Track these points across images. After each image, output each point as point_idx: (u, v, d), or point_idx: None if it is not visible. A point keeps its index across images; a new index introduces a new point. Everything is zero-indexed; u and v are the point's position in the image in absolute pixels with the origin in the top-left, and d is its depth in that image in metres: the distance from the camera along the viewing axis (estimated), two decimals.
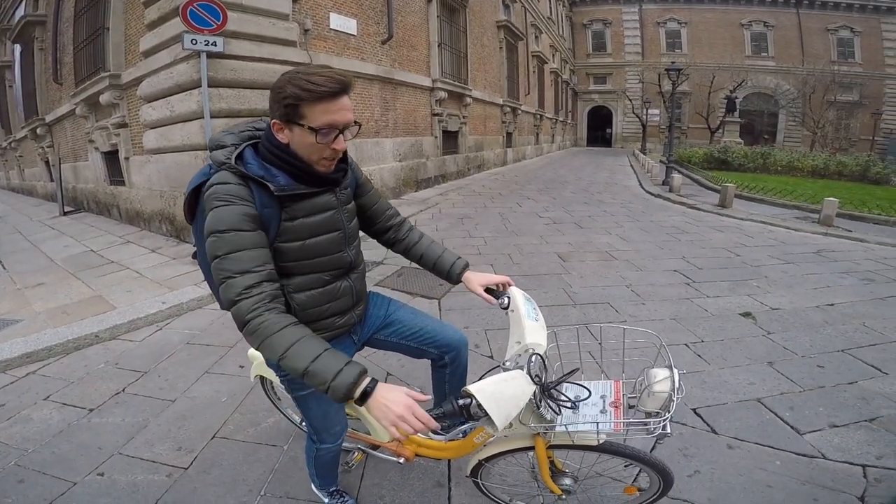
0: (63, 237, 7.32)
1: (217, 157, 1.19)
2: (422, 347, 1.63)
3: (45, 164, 12.42)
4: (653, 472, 1.40)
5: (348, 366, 1.05)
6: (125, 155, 7.54)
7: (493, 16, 16.80)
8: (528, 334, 1.28)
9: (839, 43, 33.87)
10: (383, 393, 1.04)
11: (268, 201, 1.16)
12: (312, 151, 1.17)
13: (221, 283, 1.10)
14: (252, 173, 1.16)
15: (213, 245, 1.11)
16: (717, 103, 29.49)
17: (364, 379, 1.05)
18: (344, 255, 1.37)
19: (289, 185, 1.19)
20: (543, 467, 1.42)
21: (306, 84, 1.09)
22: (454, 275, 1.57)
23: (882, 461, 2.05)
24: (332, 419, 1.51)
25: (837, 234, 6.81)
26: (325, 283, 1.34)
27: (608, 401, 1.28)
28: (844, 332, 3.44)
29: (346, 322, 1.44)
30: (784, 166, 16.85)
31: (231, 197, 1.12)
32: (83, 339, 3.51)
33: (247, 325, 1.08)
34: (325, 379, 1.03)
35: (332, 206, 1.31)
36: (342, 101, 1.14)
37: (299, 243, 1.24)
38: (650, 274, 4.88)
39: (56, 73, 9.82)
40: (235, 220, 1.11)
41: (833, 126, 27.83)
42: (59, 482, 2.01)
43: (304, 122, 1.12)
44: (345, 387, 1.02)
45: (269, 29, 6.29)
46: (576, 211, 8.71)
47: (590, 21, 38.21)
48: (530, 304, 1.41)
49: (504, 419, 1.06)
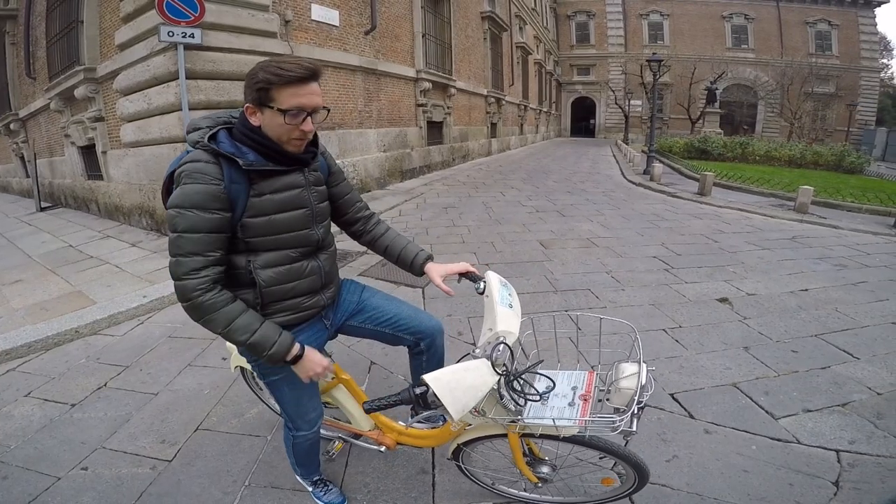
0: (40, 233, 7.15)
1: (192, 137, 1.26)
2: (396, 334, 1.63)
3: (19, 159, 12.08)
4: (627, 466, 1.39)
5: (282, 336, 1.26)
6: (102, 149, 7.37)
7: (478, 7, 16.72)
8: (499, 321, 1.26)
9: (817, 36, 34.50)
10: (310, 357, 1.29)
11: (237, 177, 1.22)
12: (282, 133, 1.24)
13: (172, 258, 1.20)
14: (223, 150, 1.22)
15: (174, 220, 1.18)
16: (698, 94, 29.76)
17: (295, 347, 1.28)
18: (311, 233, 1.40)
19: (257, 161, 1.25)
20: (517, 455, 1.43)
21: (276, 70, 1.17)
22: (417, 266, 1.60)
23: (854, 446, 2.10)
24: (306, 406, 1.53)
25: (812, 220, 6.99)
26: (291, 259, 1.37)
27: (578, 393, 1.26)
28: (818, 317, 3.54)
29: (314, 304, 1.45)
30: (762, 156, 17.16)
31: (199, 175, 1.18)
32: (63, 335, 3.46)
33: (190, 302, 1.20)
34: (265, 348, 1.24)
35: (300, 185, 1.36)
36: (311, 86, 1.21)
37: (266, 218, 1.28)
38: (630, 260, 4.96)
39: (29, 67, 9.54)
40: (199, 199, 1.17)
41: (810, 117, 28.36)
42: (43, 477, 2.00)
43: (273, 105, 1.19)
44: (280, 353, 1.25)
45: (248, 20, 6.18)
46: (558, 200, 8.78)
47: (574, 13, 38.22)
48: (506, 290, 1.39)
49: (460, 409, 1.05)
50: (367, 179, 9.44)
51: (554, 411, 1.21)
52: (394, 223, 6.97)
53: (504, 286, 1.40)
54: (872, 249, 5.52)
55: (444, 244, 5.75)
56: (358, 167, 9.08)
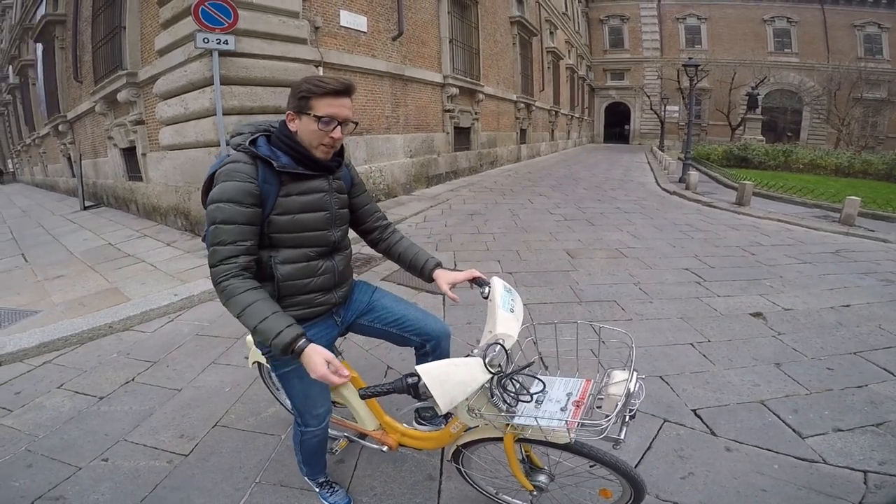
0: (83, 231, 7.54)
1: (235, 140, 1.44)
2: (403, 334, 1.70)
3: (66, 160, 12.77)
4: (619, 476, 1.37)
5: (289, 328, 1.29)
6: (142, 151, 7.72)
7: (506, 12, 16.67)
8: (499, 324, 1.31)
9: (866, 39, 32.76)
10: (310, 353, 1.27)
11: (269, 177, 1.38)
12: (314, 137, 1.39)
13: (211, 248, 1.35)
14: (260, 153, 1.38)
15: (213, 213, 1.33)
16: (739, 100, 28.78)
17: (299, 340, 1.28)
18: (329, 234, 1.52)
19: (289, 164, 1.40)
20: (511, 460, 1.43)
21: (317, 82, 1.36)
22: (426, 272, 1.68)
23: (885, 467, 1.98)
24: (314, 400, 1.57)
25: (858, 233, 6.60)
26: (308, 258, 1.49)
27: (573, 399, 1.27)
28: (858, 334, 3.34)
29: (326, 300, 1.56)
30: (807, 164, 16.37)
31: (237, 173, 1.34)
32: (98, 330, 3.62)
33: (218, 285, 1.33)
34: (270, 335, 1.28)
35: (324, 189, 1.49)
36: (344, 99, 1.38)
37: (290, 216, 1.42)
38: (660, 272, 4.81)
39: (76, 71, 10.09)
40: (236, 194, 1.32)
41: (859, 124, 26.90)
42: (65, 467, 2.08)
43: (310, 112, 1.36)
44: (283, 343, 1.27)
45: (279, 27, 6.35)
46: (588, 208, 8.62)
47: (607, 17, 37.61)
48: (509, 295, 1.43)
49: (448, 402, 1.10)
50: (394, 185, 9.53)
51: (545, 414, 1.23)
52: (418, 229, 7.00)
53: (507, 291, 1.45)
54: None
55: (467, 251, 5.72)
56: (384, 172, 9.17)
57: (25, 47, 15.56)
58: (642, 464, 2.02)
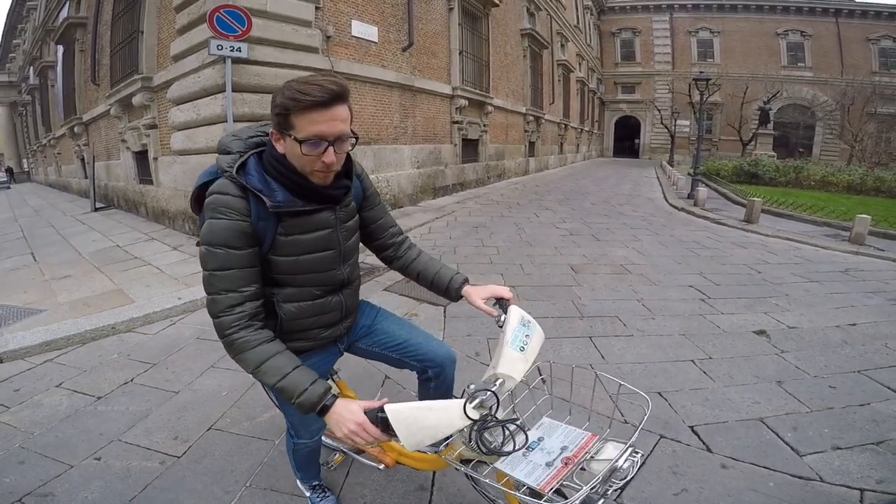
0: (92, 232, 7.65)
1: (221, 162, 1.21)
2: (403, 359, 1.60)
3: (80, 161, 13.01)
4: None
5: (314, 385, 1.15)
6: (154, 155, 7.84)
7: (517, 24, 16.82)
8: (501, 363, 1.19)
9: (881, 53, 32.47)
10: (339, 410, 1.12)
11: (264, 214, 1.17)
12: (304, 163, 1.16)
13: (208, 296, 1.18)
14: (251, 186, 1.16)
15: (204, 257, 1.17)
16: (750, 115, 28.62)
17: (326, 397, 1.14)
18: (337, 273, 1.38)
19: (286, 200, 1.18)
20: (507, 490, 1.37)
21: (295, 93, 1.07)
22: (453, 290, 1.52)
23: (883, 486, 1.94)
24: (309, 417, 1.52)
25: (868, 252, 6.51)
26: (314, 297, 1.35)
27: (565, 454, 1.14)
28: (864, 352, 3.29)
29: (330, 335, 1.45)
30: (818, 181, 16.20)
31: (227, 210, 1.14)
32: (100, 331, 3.66)
33: (225, 338, 1.17)
34: (292, 395, 1.14)
35: (330, 225, 1.30)
36: (333, 111, 1.10)
37: (292, 259, 1.26)
38: (664, 289, 4.76)
39: (94, 73, 10.31)
40: (227, 236, 1.14)
41: (873, 139, 26.59)
42: (57, 465, 2.10)
43: (292, 133, 1.11)
44: (309, 403, 1.13)
45: (292, 35, 6.47)
46: (594, 223, 8.59)
47: (618, 30, 37.78)
48: (523, 330, 1.28)
49: (413, 444, 1.04)
50: (400, 195, 9.58)
51: (530, 465, 1.12)
52: (423, 240, 7.01)
53: (523, 326, 1.30)
54: None
55: (471, 264, 5.71)
56: (391, 183, 9.23)
57: (47, 49, 15.96)
58: (636, 479, 1.99)
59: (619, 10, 37.59)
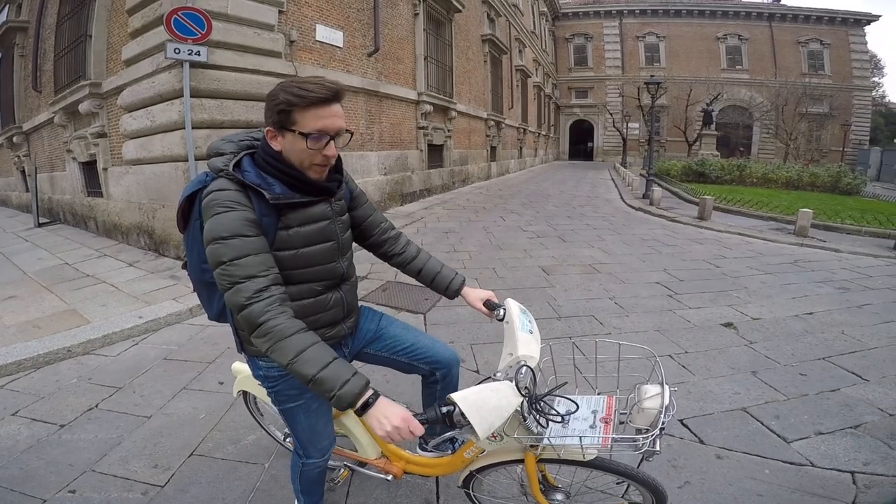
0: (37, 249, 7.09)
1: (215, 163, 1.21)
2: (412, 363, 1.62)
3: (20, 173, 12.08)
4: (645, 489, 1.37)
5: (355, 377, 1.11)
6: (103, 166, 7.37)
7: (479, 30, 17.03)
8: (520, 346, 1.27)
9: (809, 55, 34.95)
10: (383, 405, 1.11)
11: (265, 210, 1.19)
12: (304, 157, 1.20)
13: (229, 288, 1.12)
14: (249, 181, 1.18)
15: (217, 251, 1.12)
16: (695, 116, 30.16)
17: (368, 391, 1.11)
18: (337, 266, 1.39)
19: (284, 193, 1.21)
20: (533, 481, 1.40)
21: (298, 90, 1.13)
22: (452, 290, 1.61)
23: (870, 467, 2.07)
24: (320, 433, 1.49)
25: (813, 244, 6.98)
26: (316, 293, 1.36)
27: (599, 416, 1.26)
28: (824, 340, 3.51)
29: (335, 334, 1.44)
30: (759, 178, 17.31)
31: (231, 202, 1.14)
32: (55, 354, 3.40)
33: (259, 328, 1.10)
34: (333, 387, 1.08)
35: (327, 217, 1.33)
36: (333, 108, 1.18)
37: (293, 252, 1.26)
38: (633, 286, 4.92)
39: (35, 80, 9.60)
40: (238, 226, 1.13)
41: (805, 138, 28.73)
42: (28, 499, 1.94)
43: (295, 128, 1.16)
44: (350, 396, 1.09)
45: (254, 39, 6.25)
46: (559, 224, 8.78)
47: (572, 35, 38.99)
48: (525, 317, 1.40)
49: (486, 429, 1.06)
50: None
51: (576, 433, 1.22)
52: None
53: (524, 313, 1.42)
54: (874, 272, 5.51)
55: None
56: None
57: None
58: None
59: (572, 16, 38.81)
